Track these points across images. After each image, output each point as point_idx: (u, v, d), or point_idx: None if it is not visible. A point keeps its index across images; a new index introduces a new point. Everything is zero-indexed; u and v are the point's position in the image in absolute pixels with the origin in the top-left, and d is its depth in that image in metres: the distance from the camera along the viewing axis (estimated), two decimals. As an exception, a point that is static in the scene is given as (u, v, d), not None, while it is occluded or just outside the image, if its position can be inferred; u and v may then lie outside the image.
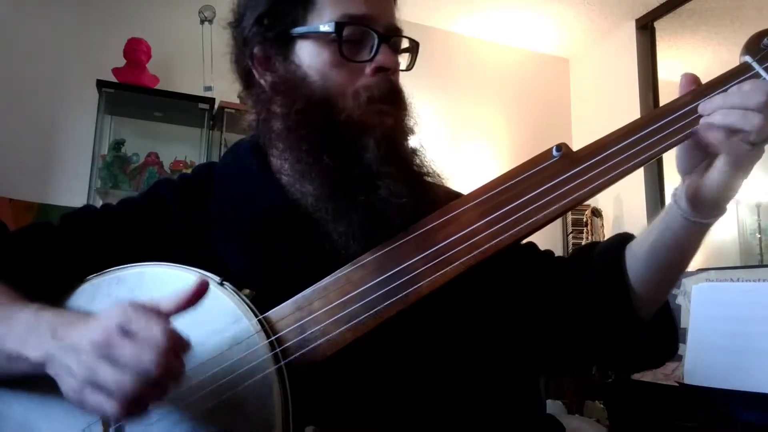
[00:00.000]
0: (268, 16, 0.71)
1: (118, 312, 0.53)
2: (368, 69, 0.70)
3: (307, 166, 0.68)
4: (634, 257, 0.70)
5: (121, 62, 2.74)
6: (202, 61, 2.82)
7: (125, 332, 0.52)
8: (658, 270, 0.69)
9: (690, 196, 0.64)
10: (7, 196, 2.59)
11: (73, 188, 2.66)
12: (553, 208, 0.64)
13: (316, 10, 0.70)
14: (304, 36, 0.70)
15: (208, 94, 2.79)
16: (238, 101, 2.98)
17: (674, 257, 0.67)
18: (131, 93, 2.67)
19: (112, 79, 2.69)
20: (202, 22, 2.83)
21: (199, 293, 0.56)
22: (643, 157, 0.64)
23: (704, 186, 0.63)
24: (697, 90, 0.65)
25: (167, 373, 0.51)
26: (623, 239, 0.73)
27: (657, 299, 0.71)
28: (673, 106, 0.65)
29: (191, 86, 2.82)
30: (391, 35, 0.73)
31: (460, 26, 3.57)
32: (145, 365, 0.50)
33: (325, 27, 0.69)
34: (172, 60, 2.93)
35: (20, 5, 2.74)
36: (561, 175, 0.65)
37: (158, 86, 2.77)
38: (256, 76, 0.74)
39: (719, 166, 0.61)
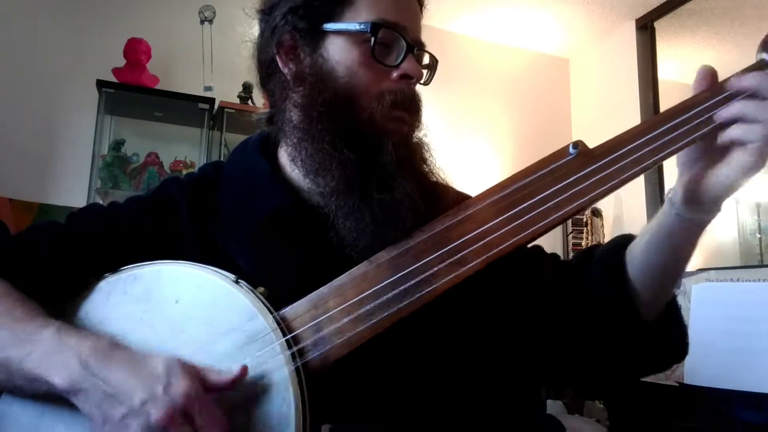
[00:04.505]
0: (303, 8, 0.72)
1: (181, 391, 0.55)
2: (394, 74, 0.72)
3: (328, 156, 0.69)
4: (633, 258, 0.70)
5: (121, 62, 2.74)
6: (202, 61, 2.82)
7: (186, 417, 0.54)
8: (656, 270, 0.68)
9: (688, 191, 0.63)
10: (7, 196, 2.59)
11: (73, 188, 2.66)
12: (570, 206, 0.63)
13: (354, 9, 0.71)
14: (337, 32, 0.71)
15: (208, 94, 2.79)
16: (238, 101, 2.97)
17: (670, 257, 0.67)
18: (131, 93, 2.68)
19: (112, 79, 2.69)
20: (202, 22, 2.83)
21: (240, 377, 0.59)
22: (661, 155, 0.62)
23: (707, 182, 0.61)
24: (715, 87, 0.63)
25: None
26: (624, 240, 0.72)
27: (659, 300, 0.70)
28: (691, 103, 0.63)
29: (191, 86, 2.82)
30: (417, 48, 0.76)
31: (460, 26, 3.57)
32: None
33: (361, 26, 0.70)
34: (172, 60, 2.93)
35: (20, 5, 2.74)
36: (577, 173, 0.64)
37: (158, 86, 2.77)
38: (279, 64, 0.74)
39: (732, 165, 0.59)
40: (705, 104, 0.62)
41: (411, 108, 0.74)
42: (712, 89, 0.63)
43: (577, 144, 0.66)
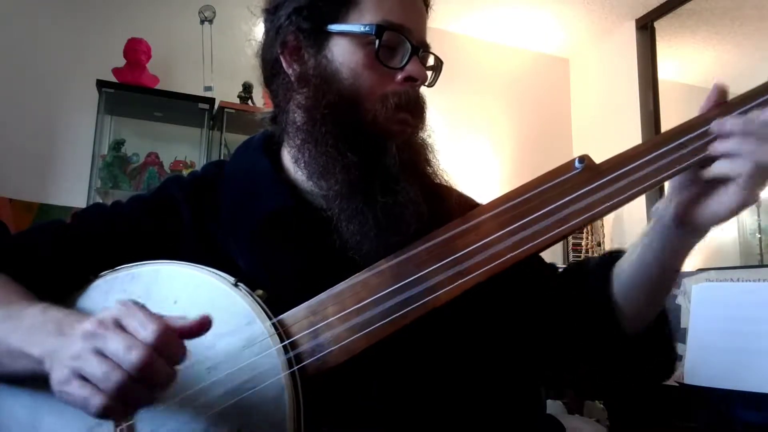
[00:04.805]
0: (308, 9, 0.72)
1: (117, 306, 0.53)
2: (398, 77, 0.72)
3: (331, 160, 0.68)
4: (621, 272, 0.70)
5: (121, 62, 2.74)
6: (202, 61, 2.82)
7: (119, 326, 0.51)
8: (642, 286, 0.68)
9: (679, 214, 0.62)
10: (7, 196, 2.59)
11: (73, 188, 2.66)
12: (575, 221, 0.62)
13: (358, 11, 0.70)
14: (341, 33, 0.71)
15: (208, 94, 2.79)
16: (238, 101, 2.97)
17: (657, 275, 0.67)
18: (131, 93, 2.68)
19: (112, 79, 2.69)
20: (202, 22, 2.83)
21: (201, 328, 0.54)
22: (669, 172, 0.62)
23: (699, 210, 0.61)
24: (727, 105, 0.62)
25: (154, 375, 0.50)
26: (615, 255, 0.73)
27: (645, 317, 0.70)
28: (701, 120, 0.62)
29: (191, 86, 2.82)
30: (422, 50, 0.75)
31: (460, 26, 3.57)
32: (132, 359, 0.48)
33: (366, 28, 0.69)
34: (172, 60, 2.93)
35: (20, 5, 2.74)
36: (583, 188, 0.63)
37: (158, 86, 2.77)
38: (284, 65, 0.74)
39: (731, 193, 0.58)
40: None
41: (415, 110, 0.73)
42: (722, 108, 0.62)
43: (584, 158, 0.65)
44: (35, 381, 0.62)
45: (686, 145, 0.61)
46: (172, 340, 0.51)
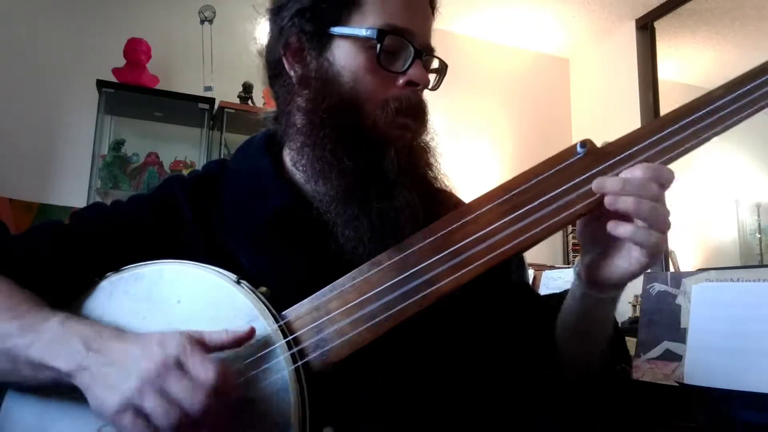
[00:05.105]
0: (311, 10, 0.71)
1: (174, 344, 0.54)
2: (400, 81, 0.71)
3: (327, 165, 0.68)
4: (560, 317, 0.72)
5: (121, 62, 2.74)
6: (202, 61, 2.82)
7: (180, 367, 0.53)
8: (570, 336, 0.70)
9: (589, 274, 0.63)
10: (7, 196, 2.59)
11: (73, 188, 2.67)
12: (577, 207, 0.61)
13: (361, 13, 0.70)
14: (343, 36, 0.70)
15: (208, 94, 2.79)
16: (238, 101, 2.97)
17: (581, 325, 0.68)
18: (131, 93, 2.68)
19: (112, 79, 2.69)
20: (202, 22, 2.83)
21: (247, 338, 0.58)
22: (675, 153, 0.60)
23: (606, 269, 0.62)
24: (729, 83, 0.62)
25: (212, 416, 0.53)
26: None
27: (580, 364, 0.72)
28: (706, 99, 0.61)
29: (191, 86, 2.82)
30: (426, 53, 0.75)
31: (460, 26, 3.57)
32: (194, 404, 0.51)
33: (367, 32, 0.69)
34: (172, 60, 2.93)
35: (20, 5, 2.75)
36: (586, 173, 0.61)
37: (158, 86, 2.78)
38: (286, 66, 0.74)
39: (630, 260, 0.59)
40: (719, 102, 0.61)
41: (416, 114, 0.73)
42: (727, 85, 0.62)
43: (585, 143, 0.63)
44: (45, 388, 0.62)
45: (694, 123, 0.61)
46: (230, 381, 0.54)
